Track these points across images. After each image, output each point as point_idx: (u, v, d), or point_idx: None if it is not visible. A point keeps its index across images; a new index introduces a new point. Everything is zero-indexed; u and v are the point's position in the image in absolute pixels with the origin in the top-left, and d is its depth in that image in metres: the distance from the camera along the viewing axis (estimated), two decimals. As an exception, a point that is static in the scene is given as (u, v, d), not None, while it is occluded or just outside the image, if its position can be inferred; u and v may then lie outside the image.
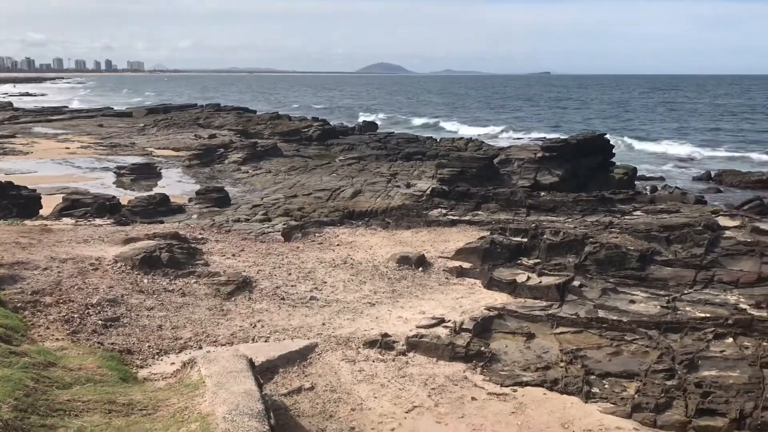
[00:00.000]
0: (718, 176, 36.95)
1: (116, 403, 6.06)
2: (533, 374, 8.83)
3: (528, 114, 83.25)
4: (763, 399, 7.74)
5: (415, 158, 29.95)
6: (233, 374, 6.81)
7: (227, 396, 6.18)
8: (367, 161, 28.64)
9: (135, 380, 7.45)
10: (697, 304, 10.65)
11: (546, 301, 11.04)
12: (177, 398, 6.37)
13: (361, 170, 25.72)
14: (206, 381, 6.65)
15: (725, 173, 37.20)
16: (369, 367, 8.83)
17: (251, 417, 5.80)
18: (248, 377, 6.79)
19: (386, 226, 16.26)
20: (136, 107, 65.60)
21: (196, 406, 6.05)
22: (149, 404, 6.17)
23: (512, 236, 13.73)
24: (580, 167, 22.18)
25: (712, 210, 19.26)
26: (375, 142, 36.80)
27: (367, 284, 11.91)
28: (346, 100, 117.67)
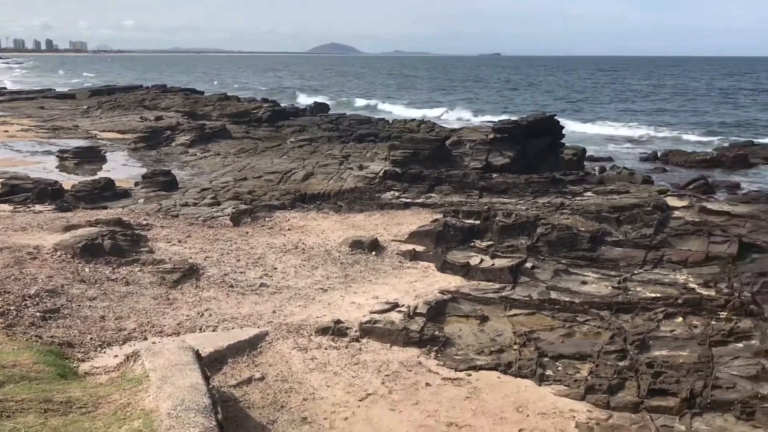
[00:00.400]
0: (664, 156, 37.70)
1: (53, 401, 5.73)
2: (487, 358, 8.78)
3: (478, 95, 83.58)
4: (712, 378, 7.83)
5: (367, 140, 29.64)
6: (179, 367, 6.54)
7: (172, 390, 5.91)
8: (318, 143, 28.23)
9: (75, 375, 7.10)
10: (647, 284, 10.77)
11: (499, 284, 11.02)
12: (119, 394, 6.07)
13: (312, 152, 25.34)
14: (150, 375, 6.37)
15: (671, 153, 37.97)
16: (321, 355, 8.64)
17: (197, 412, 5.56)
18: (194, 370, 6.53)
19: (338, 210, 16.02)
20: (79, 89, 63.49)
21: (139, 402, 5.77)
22: (89, 401, 5.86)
23: (465, 219, 13.68)
24: (530, 148, 22.26)
25: (659, 190, 19.59)
26: (327, 123, 36.30)
27: (319, 269, 11.69)
28: (295, 81, 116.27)
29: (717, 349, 8.58)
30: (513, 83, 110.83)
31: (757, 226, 12.42)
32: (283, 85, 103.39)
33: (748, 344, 8.70)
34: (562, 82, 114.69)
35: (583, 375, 8.32)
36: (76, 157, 25.02)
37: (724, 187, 29.49)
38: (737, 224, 12.59)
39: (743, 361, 8.21)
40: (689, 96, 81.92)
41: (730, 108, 65.88)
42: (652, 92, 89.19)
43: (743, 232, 12.18)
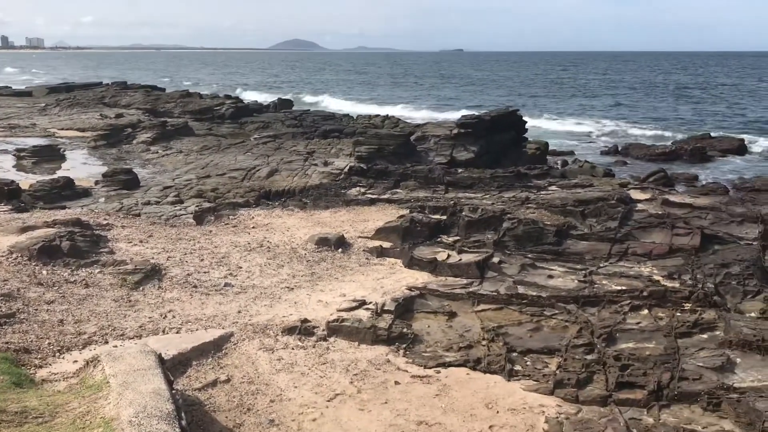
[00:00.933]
0: (625, 149, 38.23)
1: (7, 411, 5.50)
2: (456, 354, 8.72)
3: (441, 92, 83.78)
4: (678, 370, 7.88)
5: (332, 136, 29.46)
6: (140, 372, 6.34)
7: (134, 397, 5.72)
8: (282, 139, 27.96)
9: (32, 383, 6.84)
10: (612, 277, 10.85)
11: (466, 279, 10.99)
12: (78, 402, 5.86)
13: (276, 149, 25.07)
14: (110, 381, 6.16)
15: (631, 146, 38.52)
16: (288, 355, 8.49)
17: (160, 419, 5.38)
18: (157, 374, 6.34)
19: (304, 207, 15.83)
20: (36, 86, 61.93)
21: (99, 410, 5.58)
22: (46, 411, 5.64)
23: (431, 214, 13.65)
24: (494, 143, 22.36)
25: (621, 182, 19.82)
26: (291, 119, 35.98)
27: (284, 268, 11.51)
28: (254, 77, 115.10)
29: (682, 341, 8.66)
30: (473, 79, 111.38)
31: (718, 217, 12.63)
32: (235, 81, 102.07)
33: (712, 335, 8.79)
34: (523, 77, 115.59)
35: (552, 369, 8.32)
36: (34, 156, 24.36)
37: (682, 179, 30.02)
38: (699, 216, 12.79)
39: (708, 352, 8.29)
40: (646, 91, 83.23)
41: (685, 102, 67.11)
42: (610, 87, 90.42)
43: (705, 224, 12.37)
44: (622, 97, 73.53)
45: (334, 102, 63.22)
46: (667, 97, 74.33)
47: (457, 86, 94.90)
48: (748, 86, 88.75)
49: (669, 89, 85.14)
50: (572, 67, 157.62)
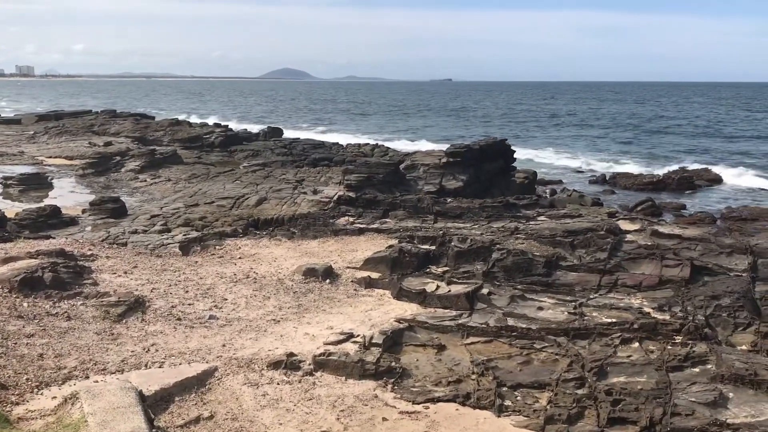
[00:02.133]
0: (612, 179, 38.44)
1: (-21, 453, 5.30)
2: (445, 389, 8.56)
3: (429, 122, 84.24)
4: (671, 405, 7.75)
5: (321, 164, 29.46)
6: (120, 410, 6.17)
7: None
8: (272, 168, 27.92)
9: (7, 423, 6.63)
10: (602, 309, 10.74)
11: (456, 311, 10.85)
12: (54, 442, 5.67)
13: (266, 177, 25.00)
14: (89, 420, 5.98)
15: (618, 176, 38.76)
16: (273, 390, 8.30)
17: (139, 461, 5.21)
18: (137, 413, 6.17)
19: (291, 237, 15.69)
20: (25, 114, 61.76)
21: (76, 451, 5.38)
22: (20, 452, 5.45)
23: (420, 244, 13.54)
24: (483, 172, 22.39)
25: (609, 212, 19.82)
26: (280, 148, 36.01)
27: (271, 299, 11.34)
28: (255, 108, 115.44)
29: (674, 375, 8.54)
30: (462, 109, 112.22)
31: (708, 249, 12.58)
32: (208, 109, 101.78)
33: (704, 369, 8.68)
34: (508, 107, 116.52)
35: (542, 404, 8.17)
36: (21, 184, 24.18)
37: (670, 208, 30.14)
38: (688, 247, 12.74)
39: (700, 386, 8.16)
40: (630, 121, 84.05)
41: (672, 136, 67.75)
42: (596, 117, 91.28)
43: (694, 255, 12.32)
44: (609, 129, 74.14)
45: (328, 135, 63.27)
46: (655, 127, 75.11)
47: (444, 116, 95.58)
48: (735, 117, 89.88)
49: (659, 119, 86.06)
50: (559, 97, 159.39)
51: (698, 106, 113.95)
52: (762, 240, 13.15)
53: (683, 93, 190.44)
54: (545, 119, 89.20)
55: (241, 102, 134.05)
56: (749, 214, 29.26)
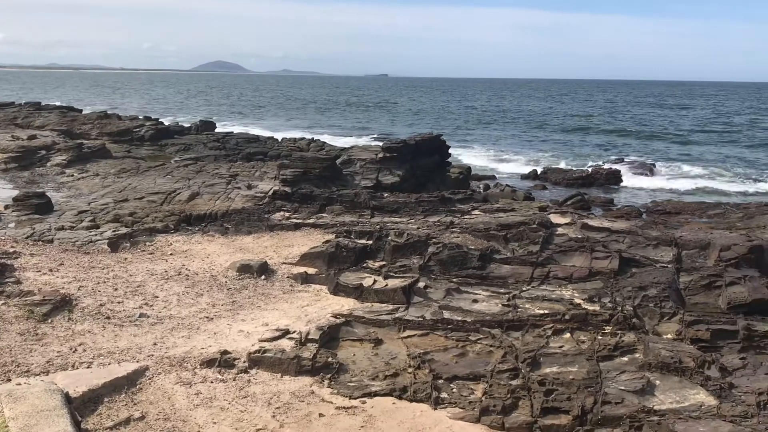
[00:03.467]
0: (544, 174, 39.35)
1: None
2: (382, 383, 8.57)
3: (362, 117, 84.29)
4: (601, 394, 7.96)
5: (256, 159, 29.07)
6: (44, 413, 5.91)
7: (35, 442, 5.31)
8: (205, 162, 27.35)
9: None
10: (535, 301, 10.95)
11: (393, 305, 10.87)
12: (-28, 449, 5.39)
13: (198, 171, 24.45)
14: (10, 425, 5.71)
15: (549, 171, 39.70)
16: (207, 389, 8.12)
17: (64, 466, 5.00)
18: (62, 415, 5.92)
19: (225, 232, 15.41)
20: (-61, 105, 58.62)
21: (-4, 458, 5.13)
22: (-66, 461, 5.15)
23: (357, 239, 13.50)
24: (419, 167, 22.53)
25: (540, 206, 20.28)
26: (213, 142, 35.33)
27: (204, 296, 11.10)
28: (176, 98, 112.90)
29: (604, 364, 8.77)
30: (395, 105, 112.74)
31: (635, 241, 12.98)
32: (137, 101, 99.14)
33: (632, 358, 8.96)
34: (441, 104, 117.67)
35: (478, 396, 8.27)
36: (-65, 180, 22.97)
37: (599, 203, 31.04)
38: (617, 240, 13.11)
39: (629, 375, 8.42)
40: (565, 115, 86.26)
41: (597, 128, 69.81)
42: (528, 114, 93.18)
43: (623, 247, 12.69)
44: (545, 126, 75.76)
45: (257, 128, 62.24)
46: (582, 122, 77.24)
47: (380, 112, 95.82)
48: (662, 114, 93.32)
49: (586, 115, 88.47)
50: (493, 94, 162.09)
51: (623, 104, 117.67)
52: (685, 232, 13.65)
53: (615, 90, 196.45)
54: (478, 115, 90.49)
55: (172, 94, 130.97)
56: (673, 207, 30.43)
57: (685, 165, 46.37)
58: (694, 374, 8.37)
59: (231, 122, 66.74)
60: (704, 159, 49.46)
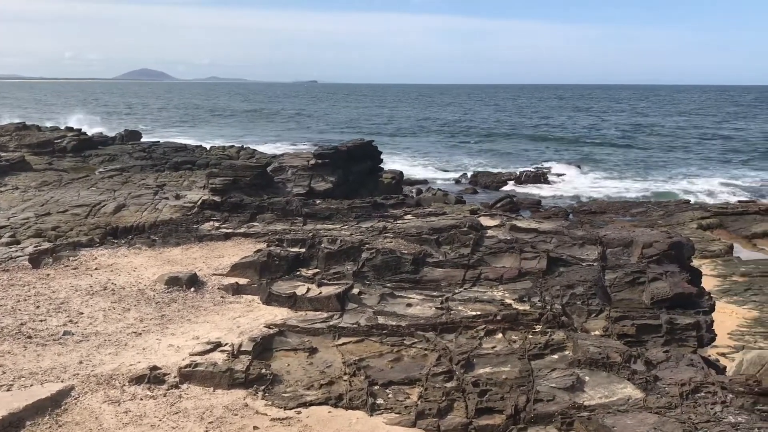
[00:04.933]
0: (473, 178, 40.01)
1: None
2: (317, 392, 8.49)
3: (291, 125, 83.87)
4: (533, 392, 8.11)
5: (183, 168, 28.52)
6: (-40, 442, 5.60)
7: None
8: (130, 173, 26.64)
9: None
10: (468, 303, 11.09)
11: (327, 312, 10.81)
12: None
13: (124, 183, 23.78)
14: None
15: (479, 175, 40.42)
16: (136, 406, 7.87)
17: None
18: (-20, 443, 5.63)
19: (152, 244, 15.00)
20: None
21: None
22: None
23: (290, 247, 13.38)
24: (351, 173, 22.52)
25: (471, 209, 20.56)
26: (139, 152, 34.46)
27: (131, 311, 10.77)
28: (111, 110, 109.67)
29: (535, 363, 8.95)
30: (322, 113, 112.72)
31: (562, 241, 13.31)
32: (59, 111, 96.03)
33: (562, 355, 9.17)
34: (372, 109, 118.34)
35: (413, 400, 8.30)
36: None
37: (527, 204, 31.75)
38: (544, 240, 13.41)
39: (560, 372, 8.61)
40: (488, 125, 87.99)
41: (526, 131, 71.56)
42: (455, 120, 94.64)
43: (550, 247, 12.99)
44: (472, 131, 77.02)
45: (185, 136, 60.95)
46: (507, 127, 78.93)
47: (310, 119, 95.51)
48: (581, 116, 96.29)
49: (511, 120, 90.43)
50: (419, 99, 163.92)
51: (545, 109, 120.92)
52: (609, 231, 14.09)
53: (537, 95, 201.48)
54: (408, 122, 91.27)
55: (95, 104, 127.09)
56: (597, 207, 31.44)
57: (606, 166, 47.98)
58: (621, 369, 8.63)
59: (157, 131, 65.28)
60: (624, 160, 51.30)
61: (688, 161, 50.90)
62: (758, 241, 26.37)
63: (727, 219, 28.66)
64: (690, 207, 31.14)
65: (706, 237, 25.47)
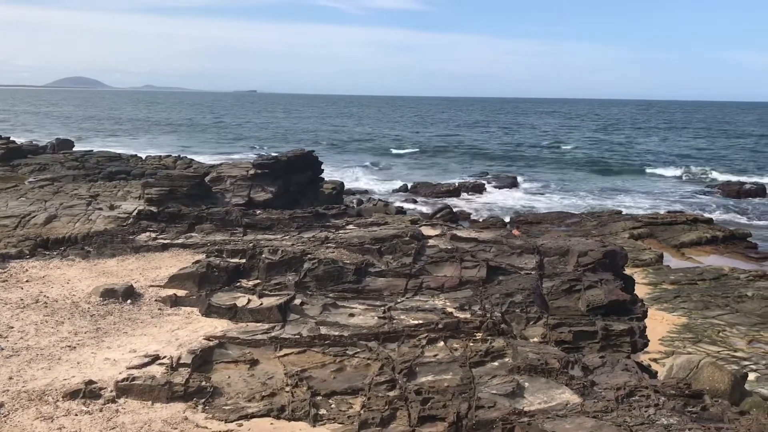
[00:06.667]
0: (414, 188, 40.33)
1: None
2: (259, 404, 8.39)
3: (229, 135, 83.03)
4: (475, 399, 8.22)
5: (118, 178, 27.84)
6: None
7: None
8: (62, 182, 25.81)
9: None
10: (410, 312, 11.15)
11: (268, 324, 10.70)
12: None
13: (55, 193, 23.01)
14: None
15: (419, 185, 40.76)
16: (71, 422, 7.61)
17: None
18: None
19: (86, 256, 14.57)
20: None
21: None
22: None
23: (229, 258, 13.20)
24: (291, 183, 22.40)
25: (412, 219, 20.74)
26: (71, 161, 33.52)
27: (65, 325, 10.42)
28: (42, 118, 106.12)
29: (477, 370, 9.07)
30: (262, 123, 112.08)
31: (501, 250, 13.56)
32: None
33: (502, 362, 9.31)
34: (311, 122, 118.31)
35: (356, 410, 8.29)
36: None
37: (466, 214, 32.21)
38: (484, 249, 13.63)
39: (500, 379, 8.75)
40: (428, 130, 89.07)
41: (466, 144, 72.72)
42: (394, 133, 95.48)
43: (490, 256, 13.22)
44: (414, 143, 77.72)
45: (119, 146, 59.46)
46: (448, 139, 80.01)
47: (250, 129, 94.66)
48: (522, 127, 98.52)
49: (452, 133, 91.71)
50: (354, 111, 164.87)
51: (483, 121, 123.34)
52: (546, 240, 14.43)
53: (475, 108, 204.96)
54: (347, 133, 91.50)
55: (25, 112, 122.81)
56: (534, 217, 32.14)
57: (544, 178, 49.12)
58: (559, 375, 8.83)
59: (91, 140, 63.56)
60: (562, 173, 52.69)
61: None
62: (686, 250, 27.44)
63: (656, 229, 29.74)
64: (622, 218, 32.18)
65: (637, 246, 26.34)
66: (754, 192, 43.11)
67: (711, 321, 18.29)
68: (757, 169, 57.65)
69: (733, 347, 16.54)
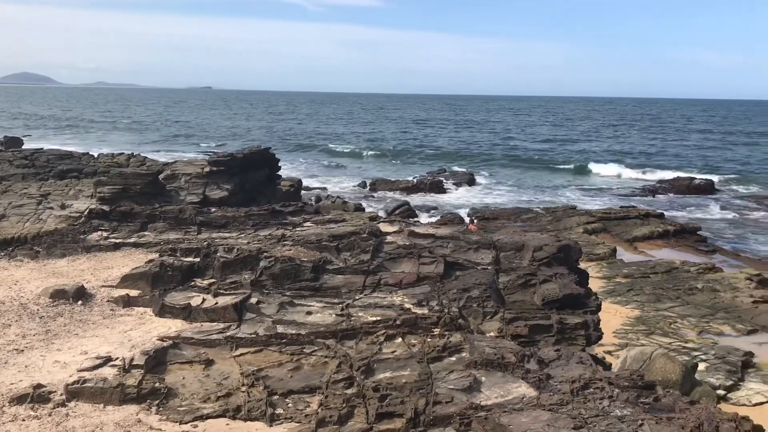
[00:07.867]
0: (373, 184, 40.31)
1: None
2: (214, 405, 8.27)
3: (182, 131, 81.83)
4: (432, 394, 8.23)
5: (70, 176, 27.17)
6: None
7: None
8: (11, 181, 25.09)
9: None
10: (368, 309, 11.13)
11: (224, 323, 10.56)
12: None
13: (4, 192, 22.34)
14: None
15: (378, 182, 40.75)
16: (18, 428, 7.39)
17: None
18: None
19: (35, 256, 14.17)
20: None
21: None
22: None
23: (183, 257, 12.98)
24: (248, 181, 22.14)
25: (370, 216, 20.70)
26: (20, 159, 32.53)
27: (12, 327, 10.11)
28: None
29: (434, 365, 9.09)
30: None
31: (458, 246, 13.62)
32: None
33: (460, 357, 9.36)
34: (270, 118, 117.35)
35: (314, 408, 8.23)
36: None
37: (424, 210, 32.34)
38: (441, 245, 13.68)
39: (457, 374, 8.78)
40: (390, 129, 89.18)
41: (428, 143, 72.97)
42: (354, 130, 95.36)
43: (447, 252, 13.26)
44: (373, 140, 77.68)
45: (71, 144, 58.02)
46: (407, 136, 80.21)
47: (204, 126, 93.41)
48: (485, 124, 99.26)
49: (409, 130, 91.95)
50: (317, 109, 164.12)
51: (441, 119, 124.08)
52: (502, 235, 14.55)
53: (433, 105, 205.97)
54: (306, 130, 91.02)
55: None
56: (491, 213, 32.40)
57: (501, 174, 49.62)
58: (516, 368, 8.90)
59: (40, 138, 61.92)
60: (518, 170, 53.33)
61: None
62: (639, 244, 28.03)
63: (610, 224, 30.30)
64: (576, 213, 32.69)
65: (591, 241, 26.80)
66: (703, 187, 44.28)
67: (663, 313, 18.72)
68: (705, 165, 59.24)
69: (684, 338, 16.95)
